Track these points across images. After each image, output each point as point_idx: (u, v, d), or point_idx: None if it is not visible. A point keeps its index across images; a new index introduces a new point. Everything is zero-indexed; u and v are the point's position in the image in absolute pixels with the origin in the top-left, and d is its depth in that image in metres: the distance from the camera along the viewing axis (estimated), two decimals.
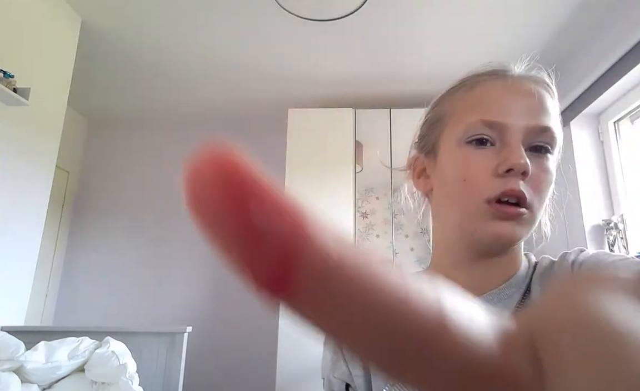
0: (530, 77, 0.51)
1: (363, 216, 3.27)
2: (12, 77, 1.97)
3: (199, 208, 0.12)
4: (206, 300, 3.49)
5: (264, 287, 0.12)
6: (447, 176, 0.50)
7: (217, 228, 0.12)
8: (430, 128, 0.55)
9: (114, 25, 2.58)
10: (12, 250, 2.11)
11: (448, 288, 0.13)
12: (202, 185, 0.12)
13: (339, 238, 0.12)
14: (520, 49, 2.71)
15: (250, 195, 0.12)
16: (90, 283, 3.57)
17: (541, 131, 0.47)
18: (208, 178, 0.12)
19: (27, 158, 2.20)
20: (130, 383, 1.75)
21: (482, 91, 0.50)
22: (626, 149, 2.49)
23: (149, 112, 3.73)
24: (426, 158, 0.55)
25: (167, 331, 2.06)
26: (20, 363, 1.69)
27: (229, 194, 0.12)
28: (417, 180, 0.57)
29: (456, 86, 0.54)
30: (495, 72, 0.52)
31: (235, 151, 0.12)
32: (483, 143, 0.48)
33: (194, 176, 0.12)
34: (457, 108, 0.52)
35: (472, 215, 0.47)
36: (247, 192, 0.12)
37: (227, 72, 3.07)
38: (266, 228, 0.12)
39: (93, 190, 3.79)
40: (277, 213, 0.12)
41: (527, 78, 0.50)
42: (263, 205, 0.12)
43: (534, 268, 0.51)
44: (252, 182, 0.12)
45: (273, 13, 2.39)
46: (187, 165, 0.12)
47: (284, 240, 0.12)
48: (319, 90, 3.27)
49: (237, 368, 3.33)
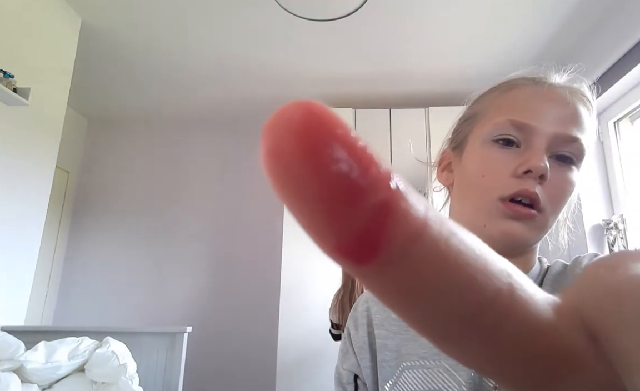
0: (568, 87, 0.50)
1: None
2: (12, 77, 1.97)
3: (280, 159, 0.11)
4: (206, 300, 3.49)
5: (348, 251, 0.11)
6: (468, 171, 0.51)
7: (299, 182, 0.11)
8: (463, 125, 0.56)
9: (114, 25, 2.58)
10: (12, 250, 2.11)
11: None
12: (287, 132, 0.11)
13: (424, 199, 0.12)
14: (520, 49, 2.71)
15: (341, 143, 0.11)
16: (90, 283, 3.57)
17: (569, 141, 0.47)
18: (295, 124, 0.11)
19: (27, 158, 2.20)
20: (130, 383, 1.75)
21: (517, 94, 0.51)
22: (626, 149, 2.49)
23: (149, 112, 3.73)
24: (453, 152, 0.56)
25: (167, 331, 2.06)
26: (20, 363, 1.69)
27: (318, 141, 0.10)
28: (441, 174, 0.58)
29: (494, 87, 0.55)
30: (534, 78, 0.51)
31: (321, 104, 0.11)
32: (509, 144, 0.48)
33: (276, 124, 0.11)
34: (490, 108, 0.52)
35: (484, 211, 0.47)
36: (337, 140, 0.11)
37: (227, 72, 3.07)
38: (359, 183, 0.11)
39: (93, 190, 3.79)
40: (371, 165, 0.11)
41: (564, 87, 0.50)
42: (356, 155, 0.11)
43: (545, 271, 0.51)
44: (344, 131, 0.11)
45: (273, 13, 2.39)
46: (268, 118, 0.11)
47: (379, 196, 0.11)
48: (319, 90, 3.27)
49: (237, 368, 3.33)
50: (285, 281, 2.93)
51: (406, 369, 0.48)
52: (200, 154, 3.81)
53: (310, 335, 2.80)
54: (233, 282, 3.52)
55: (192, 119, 3.82)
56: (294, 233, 3.00)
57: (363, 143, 0.11)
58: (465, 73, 2.98)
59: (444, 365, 0.46)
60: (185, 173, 3.78)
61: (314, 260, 2.97)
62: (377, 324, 0.53)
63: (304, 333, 2.83)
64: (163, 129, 3.87)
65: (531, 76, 0.52)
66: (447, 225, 0.12)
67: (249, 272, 3.50)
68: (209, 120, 3.82)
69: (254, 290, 3.45)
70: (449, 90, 3.17)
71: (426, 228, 0.11)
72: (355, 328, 0.55)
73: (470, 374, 0.43)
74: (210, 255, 3.59)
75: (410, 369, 0.47)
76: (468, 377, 0.43)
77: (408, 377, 0.47)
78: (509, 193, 0.45)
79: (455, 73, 3.00)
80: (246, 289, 3.47)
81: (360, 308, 0.57)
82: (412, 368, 0.47)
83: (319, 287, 2.86)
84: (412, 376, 0.47)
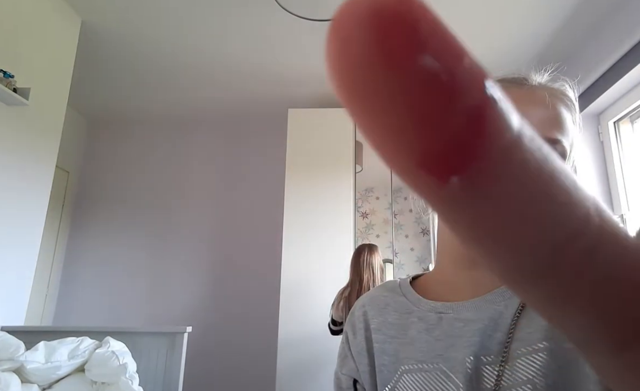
0: (547, 88, 0.50)
1: (363, 216, 3.27)
2: (12, 77, 1.97)
3: (352, 54, 0.09)
4: (206, 300, 3.49)
5: (437, 163, 0.09)
6: None
7: (375, 84, 0.09)
8: None
9: (114, 25, 2.58)
10: (12, 250, 2.11)
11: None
12: (358, 21, 0.09)
13: (513, 106, 0.10)
14: (520, 48, 2.71)
15: (429, 33, 0.09)
16: (90, 283, 3.57)
17: (550, 143, 0.46)
18: (369, 11, 0.09)
19: (27, 158, 2.20)
20: (130, 383, 1.75)
21: None
22: (626, 149, 2.49)
23: (149, 112, 3.73)
24: None
25: (167, 331, 2.06)
26: (20, 363, 1.69)
27: (401, 29, 0.09)
28: None
29: None
30: (514, 79, 0.51)
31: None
32: None
33: (345, 15, 0.09)
34: None
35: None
36: (425, 28, 0.09)
37: (227, 72, 3.07)
38: (452, 82, 0.09)
39: (93, 190, 3.79)
40: (463, 58, 0.09)
41: (543, 88, 0.49)
42: (446, 47, 0.09)
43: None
44: (432, 18, 0.09)
45: (273, 13, 2.39)
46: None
47: (475, 98, 0.09)
48: (319, 90, 3.27)
49: (237, 368, 3.33)
50: (286, 281, 2.93)
51: (405, 373, 0.48)
52: (201, 154, 3.81)
53: (310, 335, 2.80)
54: (233, 282, 3.52)
55: (192, 119, 3.82)
56: (294, 233, 3.01)
57: (454, 35, 0.09)
58: None
59: (442, 368, 0.45)
60: (185, 173, 3.78)
61: (315, 260, 2.97)
62: (374, 328, 0.53)
63: (304, 333, 2.83)
64: (163, 129, 3.87)
65: (511, 77, 0.51)
66: (537, 138, 0.10)
67: (249, 272, 3.50)
68: (209, 120, 3.82)
69: (254, 290, 3.45)
70: None
71: (522, 137, 0.10)
72: (353, 333, 0.55)
73: (467, 376, 0.43)
74: (211, 254, 3.59)
75: (408, 373, 0.47)
76: (465, 379, 0.43)
77: (407, 381, 0.47)
78: None
79: None
80: (246, 289, 3.47)
81: (357, 313, 0.57)
82: (411, 372, 0.47)
83: (320, 287, 2.86)
84: (411, 379, 0.47)
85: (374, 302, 0.56)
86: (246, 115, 3.71)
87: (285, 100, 3.41)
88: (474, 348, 0.44)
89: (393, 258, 3.13)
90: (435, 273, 0.56)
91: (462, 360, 0.44)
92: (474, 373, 0.43)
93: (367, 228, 3.28)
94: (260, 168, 3.71)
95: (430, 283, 0.55)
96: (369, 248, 2.35)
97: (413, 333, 0.49)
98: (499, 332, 0.43)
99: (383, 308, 0.54)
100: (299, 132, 3.21)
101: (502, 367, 0.42)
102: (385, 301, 0.55)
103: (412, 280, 0.57)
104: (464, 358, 0.44)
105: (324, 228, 3.02)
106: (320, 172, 3.12)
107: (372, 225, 3.29)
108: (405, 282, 0.56)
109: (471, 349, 0.44)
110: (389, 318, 0.53)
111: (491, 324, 0.44)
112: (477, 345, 0.44)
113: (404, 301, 0.53)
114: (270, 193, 3.54)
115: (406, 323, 0.51)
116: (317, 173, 3.12)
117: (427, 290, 0.53)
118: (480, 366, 0.43)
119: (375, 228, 3.28)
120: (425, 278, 0.57)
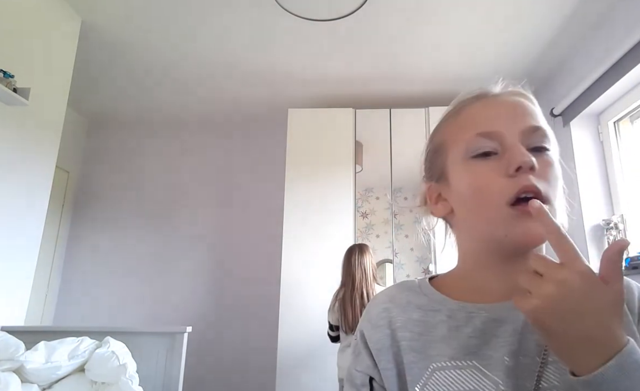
0: (508, 92, 0.56)
1: (363, 216, 3.27)
2: (12, 77, 1.97)
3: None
4: (206, 300, 3.49)
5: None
6: (463, 191, 0.53)
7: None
8: (435, 157, 0.58)
9: (114, 25, 2.58)
10: (12, 250, 2.10)
11: None
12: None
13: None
14: (520, 50, 2.71)
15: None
16: (90, 283, 3.57)
17: (534, 131, 0.50)
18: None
19: (27, 158, 2.20)
20: (130, 383, 1.75)
21: (469, 111, 0.55)
22: (626, 149, 2.49)
23: (149, 112, 3.73)
24: (438, 184, 0.58)
25: (167, 331, 2.06)
26: (20, 363, 1.69)
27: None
28: (435, 207, 0.59)
29: (444, 117, 0.59)
30: (477, 95, 0.56)
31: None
32: (488, 155, 0.50)
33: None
34: (452, 132, 0.56)
35: (499, 221, 0.48)
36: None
37: (227, 73, 3.07)
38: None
39: (93, 190, 3.79)
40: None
41: (505, 93, 0.55)
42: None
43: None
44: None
45: (273, 13, 2.39)
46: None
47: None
48: (319, 90, 3.27)
49: (237, 368, 3.33)
50: (285, 281, 2.93)
51: (436, 370, 0.48)
52: (200, 155, 3.81)
53: (310, 335, 2.80)
54: (233, 281, 3.52)
55: (192, 120, 3.82)
56: (294, 233, 3.01)
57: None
58: (465, 73, 2.98)
59: (476, 365, 0.46)
60: (185, 173, 3.78)
61: (314, 261, 2.97)
62: (399, 327, 0.53)
63: (303, 333, 2.83)
64: (163, 129, 3.87)
65: (473, 94, 0.56)
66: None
67: (249, 272, 3.50)
68: (209, 120, 3.82)
69: (254, 290, 3.45)
70: (449, 90, 3.17)
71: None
72: (372, 329, 0.55)
73: (507, 373, 0.44)
74: (210, 254, 3.59)
75: (440, 370, 0.48)
76: (505, 376, 0.44)
77: (439, 378, 0.47)
78: (513, 194, 0.47)
79: (455, 73, 3.00)
80: (246, 289, 3.47)
81: (375, 310, 0.56)
82: (443, 369, 0.48)
83: (319, 287, 2.86)
84: (444, 377, 0.47)
85: (395, 300, 0.56)
86: (246, 115, 3.71)
87: (285, 100, 3.41)
88: (512, 347, 0.45)
89: (393, 258, 3.12)
90: (457, 275, 0.57)
91: (499, 358, 0.45)
92: (512, 372, 0.44)
93: (367, 228, 3.27)
94: (261, 168, 3.71)
95: (452, 284, 0.56)
96: (360, 248, 2.34)
97: (442, 331, 0.50)
98: (536, 334, 0.45)
99: (405, 306, 0.55)
100: (299, 132, 3.20)
101: (542, 369, 0.44)
102: (407, 299, 0.55)
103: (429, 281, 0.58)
104: (502, 356, 0.45)
105: (324, 228, 3.02)
106: (320, 172, 3.12)
107: (372, 225, 3.29)
108: (425, 282, 0.58)
109: (508, 348, 0.46)
110: (414, 315, 0.53)
111: (527, 326, 0.46)
112: (515, 345, 0.46)
113: (426, 300, 0.55)
114: (271, 193, 3.54)
115: (433, 321, 0.52)
116: (317, 173, 3.12)
117: (451, 290, 0.54)
118: (519, 366, 0.45)
119: (375, 228, 3.28)
120: (445, 279, 0.58)
